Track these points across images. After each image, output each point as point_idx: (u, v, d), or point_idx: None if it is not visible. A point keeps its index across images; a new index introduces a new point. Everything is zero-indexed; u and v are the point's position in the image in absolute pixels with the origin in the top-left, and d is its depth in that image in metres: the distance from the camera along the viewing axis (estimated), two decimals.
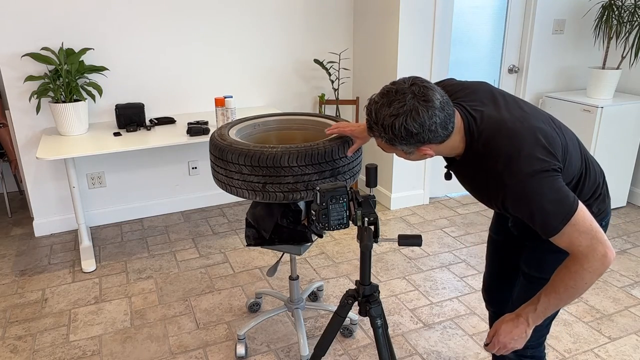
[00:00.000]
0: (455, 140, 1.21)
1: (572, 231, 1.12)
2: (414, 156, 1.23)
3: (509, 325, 1.27)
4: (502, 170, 1.13)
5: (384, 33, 3.26)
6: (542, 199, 1.11)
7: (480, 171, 1.20)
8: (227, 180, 1.71)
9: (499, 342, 1.29)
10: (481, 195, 1.26)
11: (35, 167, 3.04)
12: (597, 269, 1.13)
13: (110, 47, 3.01)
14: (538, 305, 1.23)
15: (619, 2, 3.24)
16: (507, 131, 1.16)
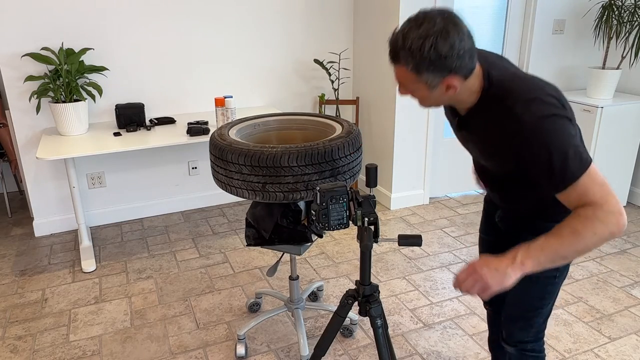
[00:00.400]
0: (473, 84, 1.16)
1: (588, 181, 1.05)
2: (436, 92, 1.14)
3: (490, 257, 1.14)
4: (521, 110, 1.08)
5: (384, 33, 3.26)
6: (562, 140, 1.05)
7: (495, 117, 1.14)
8: (227, 180, 1.71)
9: (472, 267, 1.14)
10: (491, 148, 1.19)
11: (35, 167, 3.04)
12: (610, 223, 1.03)
13: (110, 47, 3.01)
14: (532, 244, 1.09)
15: (619, 2, 3.24)
16: (524, 79, 1.15)
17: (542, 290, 1.38)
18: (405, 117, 3.31)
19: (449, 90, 1.13)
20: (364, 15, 3.46)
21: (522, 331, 1.45)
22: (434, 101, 1.18)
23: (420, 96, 1.17)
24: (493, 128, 1.15)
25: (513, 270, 1.10)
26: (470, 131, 1.25)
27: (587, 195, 1.05)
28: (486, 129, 1.18)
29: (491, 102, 1.15)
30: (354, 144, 1.73)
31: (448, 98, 1.17)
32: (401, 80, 1.16)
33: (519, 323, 1.45)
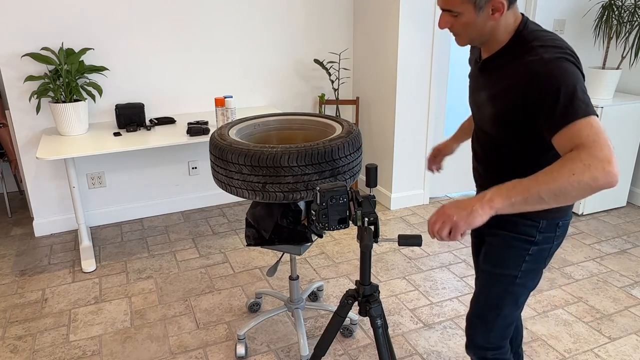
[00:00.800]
0: (511, 23, 1.19)
1: (585, 124, 1.02)
2: (482, 15, 1.16)
3: (460, 199, 1.12)
4: (544, 50, 1.12)
5: (384, 33, 3.26)
6: (574, 81, 1.06)
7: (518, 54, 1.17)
8: (227, 180, 1.71)
9: (442, 211, 1.11)
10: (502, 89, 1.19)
11: (35, 167, 3.04)
12: (593, 166, 0.97)
13: (110, 47, 3.01)
14: (506, 183, 1.06)
15: (619, 2, 3.24)
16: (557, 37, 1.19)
17: (502, 289, 1.37)
18: (405, 117, 3.31)
19: (495, 15, 1.15)
20: (364, 15, 3.46)
21: (481, 335, 1.43)
22: (476, 31, 1.19)
23: (464, 22, 1.18)
24: (515, 65, 1.16)
25: (481, 207, 1.06)
26: (489, 73, 1.26)
27: (579, 137, 1.02)
28: (505, 67, 1.20)
29: (519, 43, 1.18)
30: (354, 144, 1.73)
31: (490, 28, 1.18)
32: (448, 2, 1.17)
33: (478, 324, 1.43)
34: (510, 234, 1.34)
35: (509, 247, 1.35)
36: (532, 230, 1.31)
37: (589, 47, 3.69)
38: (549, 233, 1.32)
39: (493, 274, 1.38)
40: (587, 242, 3.02)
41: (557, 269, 2.72)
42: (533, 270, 1.35)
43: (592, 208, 3.39)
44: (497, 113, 1.23)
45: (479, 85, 1.31)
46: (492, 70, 1.25)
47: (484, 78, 1.29)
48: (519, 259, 1.33)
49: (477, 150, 1.42)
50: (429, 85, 3.31)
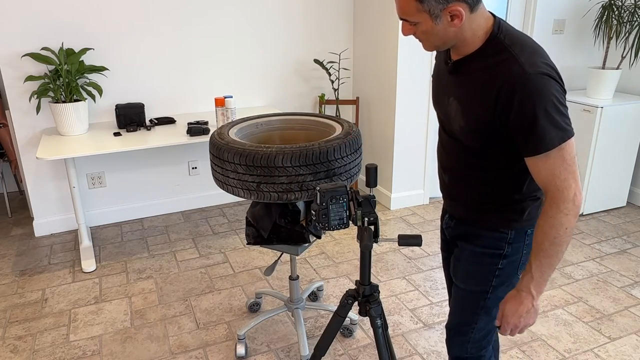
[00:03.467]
0: (480, 25, 1.11)
1: (559, 157, 1.06)
2: (440, 24, 1.09)
3: (512, 304, 1.18)
4: (526, 60, 1.05)
5: (384, 33, 3.26)
6: (552, 102, 1.04)
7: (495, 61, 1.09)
8: (223, 179, 1.72)
9: (509, 324, 1.20)
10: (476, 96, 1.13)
11: (35, 167, 3.04)
12: (571, 210, 1.08)
13: (110, 47, 3.01)
14: (533, 272, 1.15)
15: (619, 2, 3.24)
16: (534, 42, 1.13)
17: (474, 304, 1.35)
18: (405, 117, 3.31)
19: (454, 21, 1.08)
20: (364, 15, 3.46)
21: (459, 346, 1.42)
22: (438, 38, 1.12)
23: (423, 31, 1.12)
24: (489, 71, 1.10)
25: (537, 301, 1.18)
26: (459, 76, 1.18)
27: (554, 176, 1.07)
28: (480, 72, 1.12)
29: (495, 47, 1.11)
30: (351, 145, 1.73)
31: (453, 34, 1.11)
32: (404, 11, 1.11)
33: (455, 336, 1.42)
34: (477, 248, 1.30)
35: (477, 263, 1.31)
36: (500, 243, 1.28)
37: (589, 47, 3.69)
38: (518, 243, 1.28)
39: (464, 290, 1.36)
40: (587, 242, 3.02)
41: (557, 269, 2.72)
42: (504, 283, 1.31)
43: (592, 208, 3.39)
44: (466, 120, 1.16)
45: (448, 88, 1.23)
46: (463, 74, 1.17)
47: (453, 80, 1.21)
48: (489, 275, 1.31)
49: (443, 158, 1.35)
50: (429, 85, 3.31)
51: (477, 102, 1.12)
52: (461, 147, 1.24)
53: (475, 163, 1.23)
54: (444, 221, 1.43)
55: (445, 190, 1.38)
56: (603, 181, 3.34)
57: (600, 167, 3.28)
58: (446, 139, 1.31)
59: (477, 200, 1.28)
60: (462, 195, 1.31)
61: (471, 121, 1.15)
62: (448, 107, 1.23)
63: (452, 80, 1.21)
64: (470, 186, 1.27)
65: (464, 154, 1.24)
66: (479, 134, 1.15)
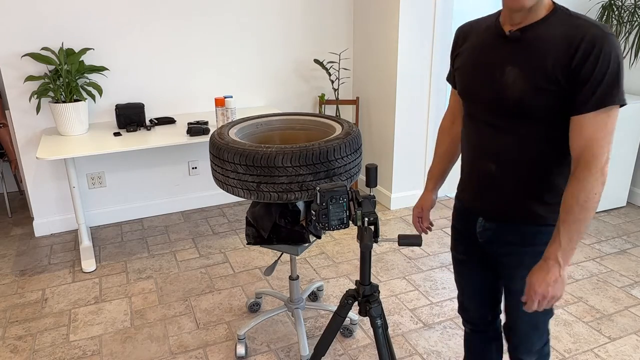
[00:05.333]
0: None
1: (606, 120, 1.12)
2: None
3: (539, 274, 1.18)
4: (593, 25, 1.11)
5: (384, 33, 3.26)
6: (621, 65, 1.11)
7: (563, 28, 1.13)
8: (223, 179, 1.72)
9: (537, 294, 1.18)
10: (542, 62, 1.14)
11: (35, 167, 3.04)
12: (600, 178, 1.12)
13: (110, 47, 3.01)
14: (561, 239, 1.15)
15: (619, 2, 3.24)
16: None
17: None
18: (405, 117, 3.31)
19: None
20: (364, 15, 3.46)
21: (540, 338, 1.41)
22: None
23: None
24: (564, 33, 1.13)
25: (564, 271, 1.17)
26: (521, 43, 1.18)
27: (593, 139, 1.12)
28: (549, 36, 1.14)
29: (561, 17, 1.15)
30: (351, 145, 1.73)
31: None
32: None
33: (532, 334, 1.40)
34: (540, 247, 1.27)
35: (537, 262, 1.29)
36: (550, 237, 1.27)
37: None
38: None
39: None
40: (587, 242, 3.02)
41: None
42: None
43: None
44: (531, 81, 1.15)
45: (501, 60, 1.21)
46: (528, 40, 1.17)
47: (510, 50, 1.19)
48: None
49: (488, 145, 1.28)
50: (429, 85, 3.31)
51: (547, 61, 1.13)
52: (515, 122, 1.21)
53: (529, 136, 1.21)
54: (477, 224, 1.37)
55: (489, 184, 1.30)
56: None
57: None
58: (494, 121, 1.25)
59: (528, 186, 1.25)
60: (513, 182, 1.26)
61: (538, 80, 1.14)
62: (502, 79, 1.20)
63: (508, 50, 1.20)
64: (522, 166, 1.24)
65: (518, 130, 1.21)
66: (543, 92, 1.15)
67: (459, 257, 1.50)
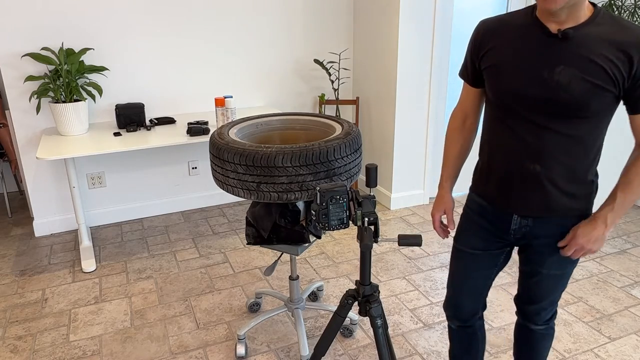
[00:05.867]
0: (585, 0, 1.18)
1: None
2: None
3: (586, 228, 1.30)
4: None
5: (384, 33, 3.26)
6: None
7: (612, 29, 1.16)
8: (223, 179, 1.72)
9: (577, 244, 1.30)
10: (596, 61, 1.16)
11: (35, 167, 3.04)
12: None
13: (110, 47, 3.01)
14: (615, 204, 1.27)
15: (619, 2, 3.24)
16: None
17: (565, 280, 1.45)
18: (405, 117, 3.31)
19: None
20: (364, 15, 3.46)
21: (551, 310, 1.52)
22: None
23: None
24: (616, 34, 1.16)
25: (607, 229, 1.29)
26: (571, 43, 1.18)
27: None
28: (601, 36, 1.16)
29: (605, 18, 1.18)
30: (351, 145, 1.73)
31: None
32: None
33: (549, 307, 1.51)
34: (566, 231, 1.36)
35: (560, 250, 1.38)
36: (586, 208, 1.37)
37: None
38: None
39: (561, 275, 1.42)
40: None
41: None
42: None
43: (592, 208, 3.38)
44: (591, 81, 1.17)
45: (553, 59, 1.19)
46: (579, 39, 1.17)
47: (560, 49, 1.19)
48: None
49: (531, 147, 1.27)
50: (428, 85, 3.31)
51: (604, 62, 1.16)
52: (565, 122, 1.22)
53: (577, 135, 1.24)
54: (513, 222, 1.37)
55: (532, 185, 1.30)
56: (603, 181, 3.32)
57: (600, 167, 3.28)
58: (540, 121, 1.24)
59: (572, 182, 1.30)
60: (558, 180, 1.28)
61: (597, 80, 1.17)
62: (553, 78, 1.20)
63: (556, 49, 1.19)
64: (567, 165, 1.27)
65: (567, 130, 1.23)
66: (602, 92, 1.18)
67: (469, 252, 1.48)
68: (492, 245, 1.45)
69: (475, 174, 1.45)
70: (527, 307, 1.52)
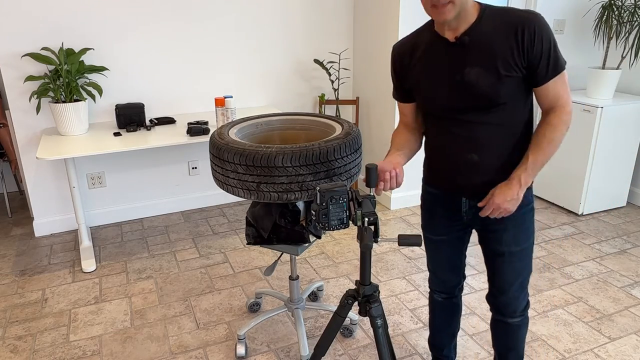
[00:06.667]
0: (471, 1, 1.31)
1: (563, 78, 1.32)
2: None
3: (503, 189, 1.38)
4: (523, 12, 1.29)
5: (384, 33, 3.26)
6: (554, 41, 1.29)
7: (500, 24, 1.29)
8: (223, 179, 1.72)
9: (493, 204, 1.39)
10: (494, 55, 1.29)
11: (35, 167, 3.04)
12: (568, 121, 1.35)
13: (110, 47, 3.01)
14: (527, 165, 1.36)
15: (619, 2, 3.24)
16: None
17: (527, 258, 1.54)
18: None
19: None
20: (364, 15, 3.46)
21: (523, 297, 1.59)
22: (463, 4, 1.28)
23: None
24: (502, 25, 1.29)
25: (522, 191, 1.38)
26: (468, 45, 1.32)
27: (559, 94, 1.33)
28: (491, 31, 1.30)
29: (491, 14, 1.32)
30: (351, 145, 1.73)
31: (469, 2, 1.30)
32: None
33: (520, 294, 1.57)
34: (520, 211, 1.46)
35: (522, 222, 1.48)
36: (529, 197, 1.47)
37: (589, 47, 3.69)
38: (532, 190, 1.50)
39: (517, 252, 1.51)
40: (587, 242, 3.02)
41: (557, 269, 2.72)
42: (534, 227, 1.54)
43: (592, 208, 3.39)
44: (496, 73, 1.30)
45: (458, 63, 1.34)
46: (474, 40, 1.31)
47: (461, 52, 1.33)
48: (532, 226, 1.50)
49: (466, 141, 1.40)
50: None
51: (501, 52, 1.29)
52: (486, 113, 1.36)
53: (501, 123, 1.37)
54: (463, 205, 1.52)
55: (473, 171, 1.43)
56: (603, 181, 3.34)
57: (600, 167, 3.28)
58: (468, 118, 1.38)
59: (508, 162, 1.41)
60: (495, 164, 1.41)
61: (501, 70, 1.30)
62: (466, 78, 1.33)
63: (458, 54, 1.34)
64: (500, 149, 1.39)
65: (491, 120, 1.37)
66: (508, 79, 1.31)
67: (437, 238, 1.64)
68: (453, 230, 1.60)
69: (425, 167, 1.60)
70: (500, 299, 1.59)
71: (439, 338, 1.85)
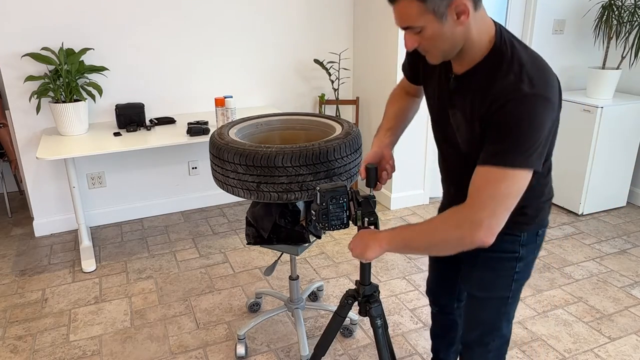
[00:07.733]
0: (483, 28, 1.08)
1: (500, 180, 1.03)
2: (447, 24, 1.03)
3: (368, 232, 1.27)
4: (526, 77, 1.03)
5: (384, 33, 3.26)
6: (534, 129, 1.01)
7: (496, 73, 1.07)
8: (223, 179, 1.72)
9: (354, 252, 1.28)
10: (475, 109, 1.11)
11: (35, 167, 3.04)
12: (464, 227, 1.06)
13: (110, 47, 3.01)
14: (396, 237, 1.20)
15: (619, 2, 3.24)
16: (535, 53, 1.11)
17: (495, 311, 1.34)
18: None
19: (461, 18, 1.03)
20: (364, 15, 3.46)
21: (479, 358, 1.41)
22: (446, 41, 1.06)
23: (430, 36, 1.05)
24: (489, 83, 1.07)
25: (374, 243, 1.22)
26: (464, 91, 1.15)
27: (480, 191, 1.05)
28: (482, 88, 1.09)
29: (498, 59, 1.08)
30: (351, 145, 1.73)
31: (461, 35, 1.06)
32: (405, 18, 1.04)
33: (477, 348, 1.40)
34: (492, 254, 1.26)
35: (494, 269, 1.29)
36: (514, 246, 1.25)
37: (589, 47, 3.69)
38: (531, 244, 1.26)
39: (482, 299, 1.35)
40: (587, 242, 3.02)
41: (557, 269, 2.72)
42: (522, 284, 1.31)
43: (592, 208, 3.39)
44: (475, 134, 1.13)
45: (453, 103, 1.19)
46: (467, 89, 1.14)
47: (457, 96, 1.17)
48: (508, 279, 1.28)
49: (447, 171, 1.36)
50: None
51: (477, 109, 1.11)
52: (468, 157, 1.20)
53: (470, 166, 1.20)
54: None
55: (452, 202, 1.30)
56: (603, 181, 3.34)
57: (600, 167, 3.28)
58: (451, 152, 1.28)
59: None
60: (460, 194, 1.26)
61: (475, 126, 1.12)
62: (452, 119, 1.20)
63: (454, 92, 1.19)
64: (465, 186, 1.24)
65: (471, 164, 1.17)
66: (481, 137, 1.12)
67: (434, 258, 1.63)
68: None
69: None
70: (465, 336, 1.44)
71: (435, 344, 1.82)
